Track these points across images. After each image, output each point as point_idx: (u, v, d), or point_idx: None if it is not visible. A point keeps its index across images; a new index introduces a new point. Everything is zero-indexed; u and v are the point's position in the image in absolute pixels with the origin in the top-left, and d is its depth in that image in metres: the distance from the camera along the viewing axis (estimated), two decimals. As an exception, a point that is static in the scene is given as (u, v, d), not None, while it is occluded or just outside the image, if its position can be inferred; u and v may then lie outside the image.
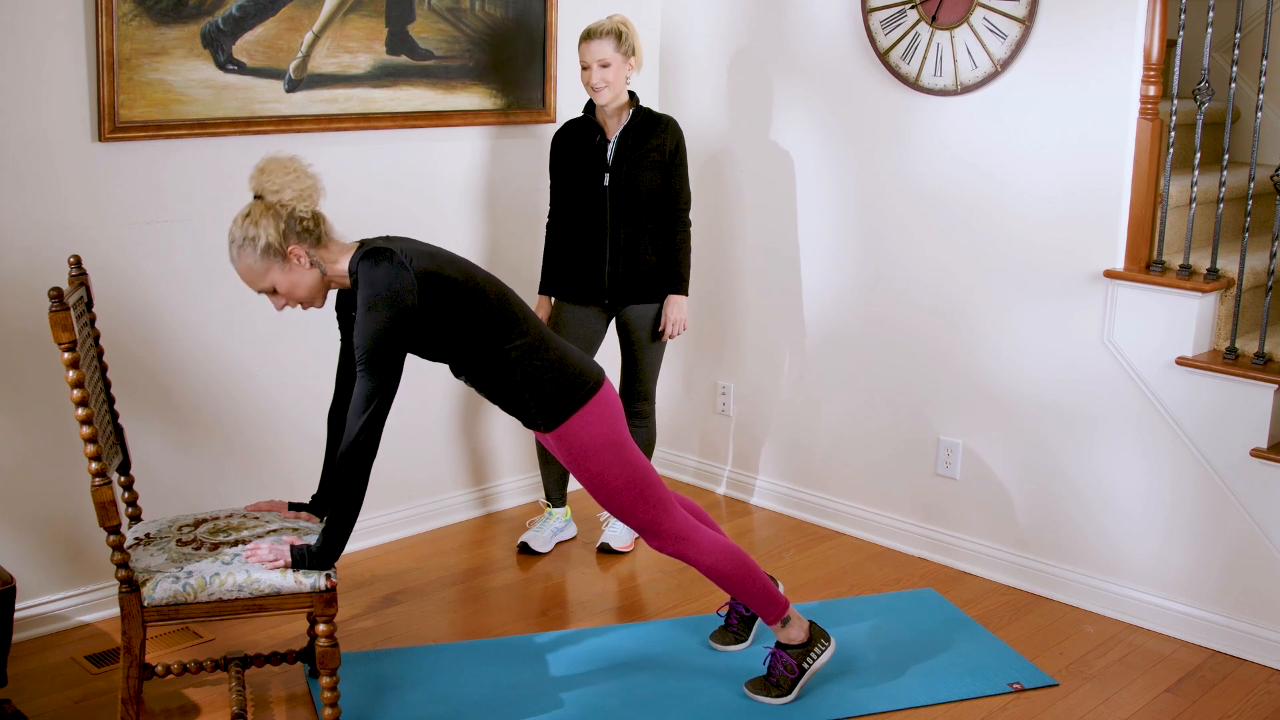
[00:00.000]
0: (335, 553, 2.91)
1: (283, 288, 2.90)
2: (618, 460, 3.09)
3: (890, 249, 4.28)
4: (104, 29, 3.38)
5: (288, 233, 2.84)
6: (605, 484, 3.10)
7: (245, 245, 2.84)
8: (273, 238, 2.83)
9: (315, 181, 2.90)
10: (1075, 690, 3.44)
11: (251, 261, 2.86)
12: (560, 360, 3.07)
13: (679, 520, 3.19)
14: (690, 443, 5.03)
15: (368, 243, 2.97)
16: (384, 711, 3.23)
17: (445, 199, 4.33)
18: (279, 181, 2.85)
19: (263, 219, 2.83)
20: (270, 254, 2.84)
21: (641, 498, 3.13)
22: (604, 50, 3.90)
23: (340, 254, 2.94)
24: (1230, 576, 3.65)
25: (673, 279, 4.10)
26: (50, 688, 3.31)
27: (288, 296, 2.92)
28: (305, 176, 2.88)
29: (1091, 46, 3.72)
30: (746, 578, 3.24)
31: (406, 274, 2.85)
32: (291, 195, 2.85)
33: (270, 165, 2.88)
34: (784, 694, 3.27)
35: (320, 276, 2.92)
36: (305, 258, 2.88)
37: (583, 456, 3.09)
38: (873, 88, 4.23)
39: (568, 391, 3.05)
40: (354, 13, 3.92)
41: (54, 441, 3.53)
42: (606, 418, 3.09)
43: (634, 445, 3.16)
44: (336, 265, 2.93)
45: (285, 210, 2.84)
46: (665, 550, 3.19)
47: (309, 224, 2.88)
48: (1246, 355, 3.62)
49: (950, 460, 4.22)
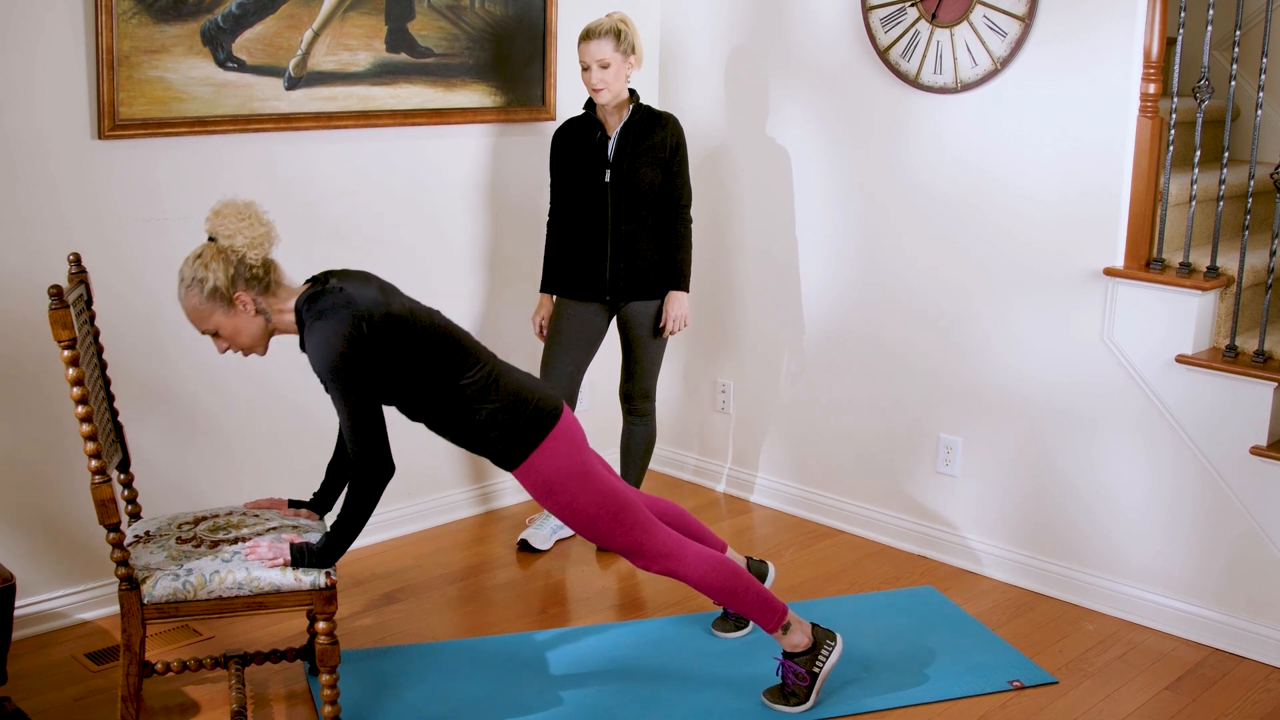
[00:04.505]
0: (335, 556, 2.91)
1: (225, 332, 2.89)
2: (586, 489, 3.07)
3: (890, 247, 4.28)
4: (104, 26, 3.38)
5: (236, 278, 2.84)
6: (578, 514, 3.09)
7: (193, 285, 2.84)
8: (221, 282, 2.82)
9: (269, 229, 2.88)
10: (1075, 688, 3.44)
11: (197, 302, 2.85)
12: (516, 394, 3.04)
13: (661, 538, 3.16)
14: (690, 441, 5.03)
15: (314, 280, 2.96)
16: (384, 709, 3.23)
17: (445, 197, 4.32)
18: (232, 226, 2.84)
19: (213, 262, 2.83)
20: (216, 297, 2.84)
21: (617, 522, 3.11)
22: (603, 50, 3.90)
23: (288, 300, 2.92)
24: (1230, 574, 3.65)
25: (674, 276, 4.10)
26: (50, 685, 3.31)
27: (230, 341, 2.92)
28: (259, 224, 2.86)
29: (1091, 44, 3.72)
30: (739, 588, 3.21)
31: (350, 303, 2.85)
32: (244, 242, 2.83)
33: (225, 209, 2.87)
34: (801, 701, 3.24)
35: (264, 324, 2.92)
36: (251, 305, 2.87)
37: (550, 490, 3.07)
38: (872, 85, 4.23)
39: (528, 427, 3.03)
40: (354, 10, 3.92)
41: (54, 439, 3.53)
42: (569, 448, 3.07)
43: (602, 470, 3.13)
44: (284, 314, 2.92)
45: (236, 256, 2.83)
46: (652, 569, 3.17)
47: (259, 271, 2.87)
48: (1246, 353, 3.63)
49: (950, 458, 4.22)
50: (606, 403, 4.75)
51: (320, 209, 3.98)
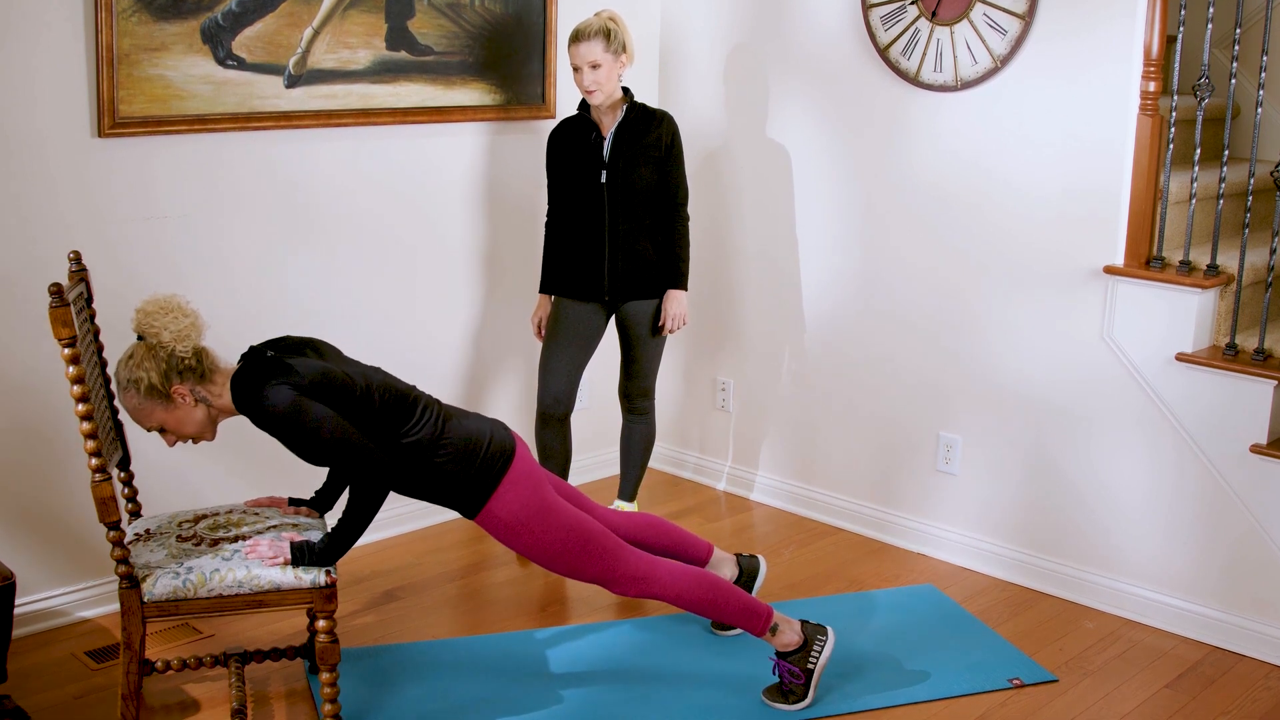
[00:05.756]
0: (337, 556, 2.92)
1: (170, 426, 2.90)
2: (548, 527, 3.08)
3: (890, 245, 4.28)
4: (104, 24, 3.38)
5: (169, 373, 2.84)
6: (544, 552, 3.10)
7: (129, 387, 2.84)
8: (155, 379, 2.83)
9: (194, 319, 2.87)
10: (1075, 686, 3.44)
11: (136, 403, 2.85)
12: (466, 442, 3.05)
13: (633, 562, 3.16)
14: (690, 439, 5.03)
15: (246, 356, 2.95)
16: (383, 707, 3.23)
17: (444, 195, 4.32)
18: (157, 323, 2.83)
19: (145, 361, 2.83)
20: (154, 395, 2.84)
21: (585, 554, 3.11)
22: (593, 52, 3.89)
23: (225, 384, 2.92)
24: (1230, 572, 3.65)
25: (672, 274, 4.10)
26: (50, 683, 3.31)
27: (176, 434, 2.93)
28: (183, 316, 2.86)
29: (1091, 42, 3.72)
30: (718, 599, 3.21)
31: (288, 371, 2.85)
32: (170, 336, 2.83)
33: (149, 306, 2.86)
34: (800, 699, 3.24)
35: (206, 412, 2.92)
36: (190, 396, 2.88)
37: (513, 533, 3.08)
38: (872, 84, 4.23)
39: (480, 475, 3.04)
40: (354, 8, 3.91)
41: (54, 437, 3.53)
42: (526, 489, 3.08)
43: (562, 505, 3.12)
44: (223, 399, 2.92)
45: (165, 351, 2.83)
46: (629, 594, 3.18)
47: (190, 362, 2.86)
48: (1246, 351, 3.63)
49: (950, 456, 4.22)
50: (606, 402, 4.75)
51: (320, 207, 3.98)
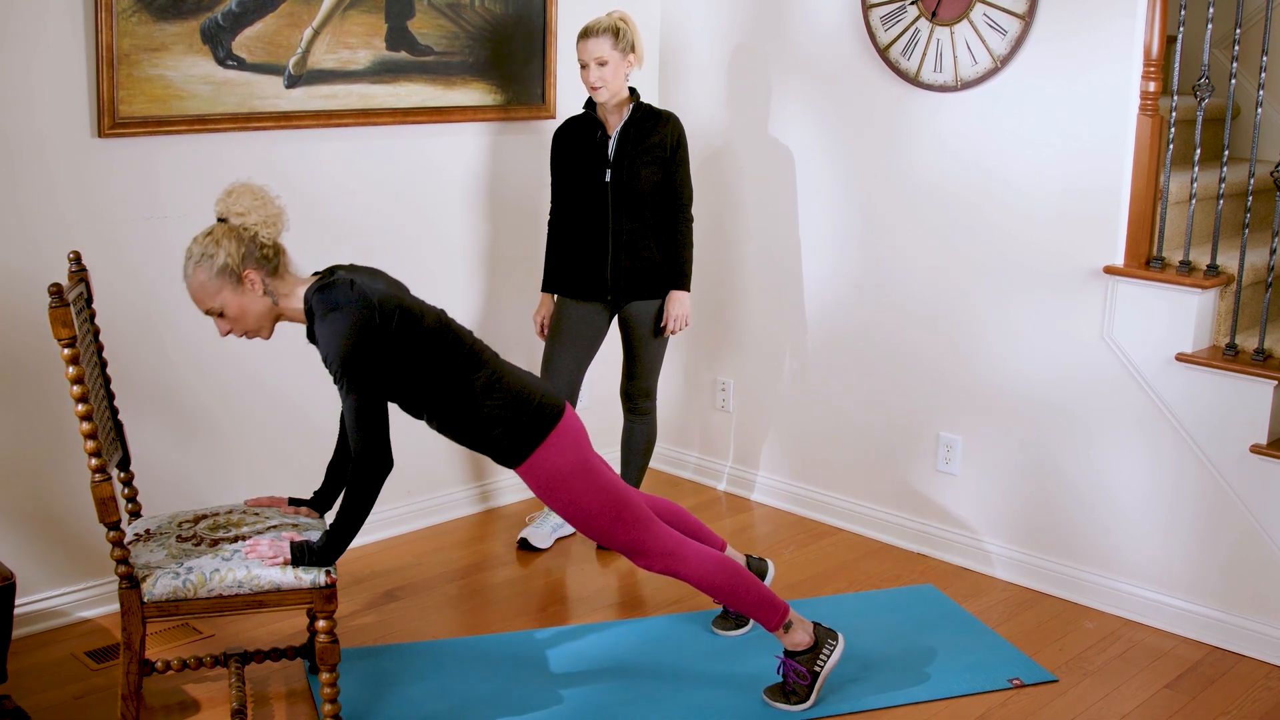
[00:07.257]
0: (336, 554, 2.92)
1: (231, 311, 2.87)
2: (589, 486, 3.08)
3: (890, 245, 4.28)
4: (104, 24, 3.38)
5: (247, 257, 2.83)
6: (580, 511, 3.09)
7: (202, 261, 2.83)
8: (231, 259, 2.82)
9: (281, 212, 2.89)
10: (1075, 686, 3.44)
11: (205, 278, 2.83)
12: (520, 392, 3.05)
13: (663, 536, 3.17)
14: (691, 439, 5.03)
15: (323, 273, 2.96)
16: (384, 707, 3.23)
17: (445, 195, 4.32)
18: (246, 205, 2.84)
19: (224, 239, 2.82)
20: (225, 274, 2.83)
21: (619, 520, 3.11)
22: (601, 48, 3.89)
23: (296, 287, 2.92)
24: (1230, 572, 3.65)
25: (675, 274, 4.10)
26: (50, 684, 3.31)
27: (234, 321, 2.89)
28: (272, 205, 2.87)
29: (1091, 42, 3.72)
30: (739, 587, 3.21)
31: (363, 296, 2.85)
32: (256, 220, 2.84)
33: (239, 189, 2.87)
34: (802, 700, 3.24)
35: (271, 306, 2.90)
36: (260, 285, 2.86)
37: (553, 487, 3.07)
38: (872, 84, 4.23)
39: (531, 425, 3.04)
40: (354, 8, 3.91)
41: (54, 437, 3.53)
42: (572, 445, 3.08)
43: (604, 468, 3.13)
44: (290, 300, 2.91)
45: (248, 234, 2.83)
46: (654, 568, 3.18)
47: (269, 252, 2.87)
48: (1246, 351, 3.63)
49: (950, 456, 4.22)
50: (607, 402, 4.75)
51: (320, 207, 3.98)
